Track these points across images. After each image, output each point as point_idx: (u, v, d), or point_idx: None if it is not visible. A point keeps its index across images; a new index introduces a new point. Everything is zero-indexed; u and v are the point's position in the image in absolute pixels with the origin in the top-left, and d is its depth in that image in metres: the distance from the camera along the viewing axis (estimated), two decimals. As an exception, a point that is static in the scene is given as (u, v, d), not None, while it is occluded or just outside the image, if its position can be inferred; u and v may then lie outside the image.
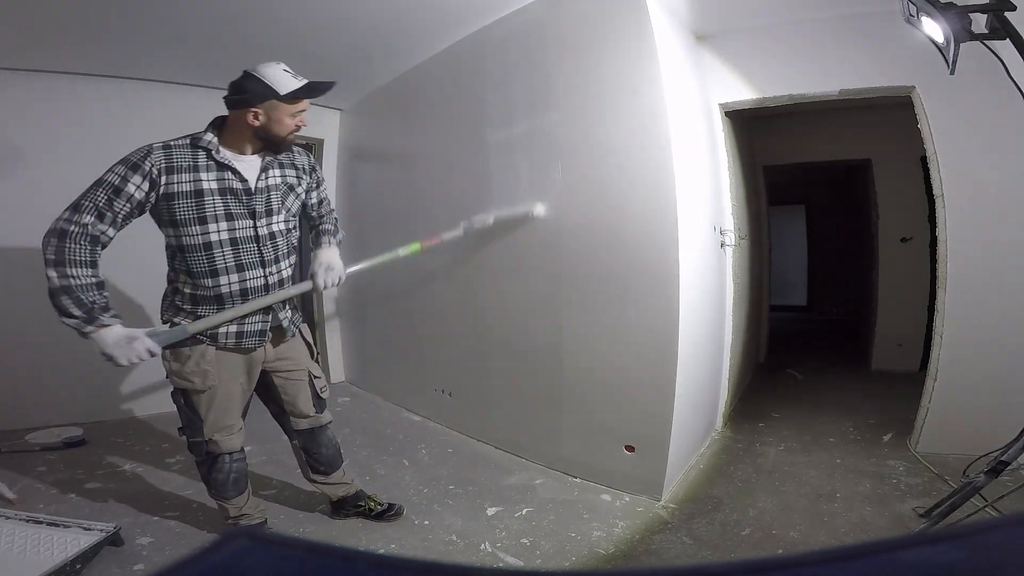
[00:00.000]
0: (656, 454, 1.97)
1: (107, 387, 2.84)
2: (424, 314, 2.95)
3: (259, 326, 1.52)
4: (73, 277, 1.26)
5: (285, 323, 1.58)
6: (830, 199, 5.93)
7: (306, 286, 1.61)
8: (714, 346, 2.51)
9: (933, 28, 1.40)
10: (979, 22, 1.36)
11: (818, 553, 0.24)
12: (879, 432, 2.51)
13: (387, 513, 1.86)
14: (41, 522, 1.61)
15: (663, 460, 1.95)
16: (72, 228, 1.27)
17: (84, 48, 2.46)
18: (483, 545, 1.73)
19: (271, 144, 1.46)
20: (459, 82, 2.59)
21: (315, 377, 1.69)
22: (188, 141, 1.40)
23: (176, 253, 1.43)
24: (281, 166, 1.53)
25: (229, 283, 1.43)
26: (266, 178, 1.48)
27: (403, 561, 0.28)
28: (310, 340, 1.72)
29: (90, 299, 1.28)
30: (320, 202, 1.72)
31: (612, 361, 2.08)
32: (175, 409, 1.54)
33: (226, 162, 1.41)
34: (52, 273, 1.26)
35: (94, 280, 1.30)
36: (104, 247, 1.34)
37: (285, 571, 0.28)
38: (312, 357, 1.71)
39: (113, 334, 1.30)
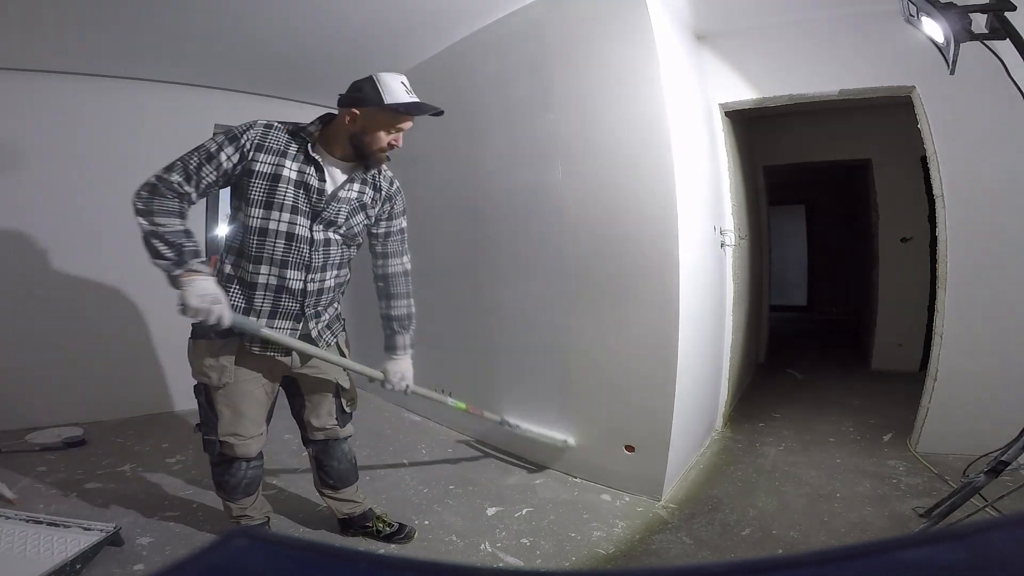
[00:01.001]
0: (656, 454, 1.97)
1: (107, 387, 2.84)
2: (424, 314, 2.95)
3: (287, 333, 1.44)
4: (161, 225, 1.27)
5: (314, 334, 1.50)
6: (830, 199, 5.93)
7: (378, 375, 1.65)
8: (714, 346, 2.51)
9: (933, 28, 1.40)
10: (979, 22, 1.36)
11: (818, 553, 0.24)
12: (879, 432, 2.51)
13: (396, 535, 1.75)
14: (41, 522, 1.60)
15: (663, 460, 1.95)
16: (160, 184, 1.30)
17: (84, 48, 2.46)
18: (483, 545, 1.73)
19: (361, 153, 1.42)
20: (459, 82, 2.58)
21: (343, 389, 1.62)
22: (290, 127, 1.40)
23: (236, 231, 1.42)
24: (363, 183, 1.48)
25: (268, 274, 1.39)
26: (347, 189, 1.44)
27: (403, 561, 0.28)
28: (346, 351, 1.65)
29: (179, 242, 1.28)
30: (388, 235, 1.63)
31: (612, 361, 2.08)
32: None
33: (316, 157, 1.39)
34: (143, 221, 1.27)
35: (181, 228, 1.30)
36: (191, 204, 1.35)
37: (285, 571, 0.28)
38: (344, 370, 1.62)
39: (201, 285, 1.28)
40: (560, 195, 2.17)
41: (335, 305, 1.59)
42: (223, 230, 1.37)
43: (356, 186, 1.47)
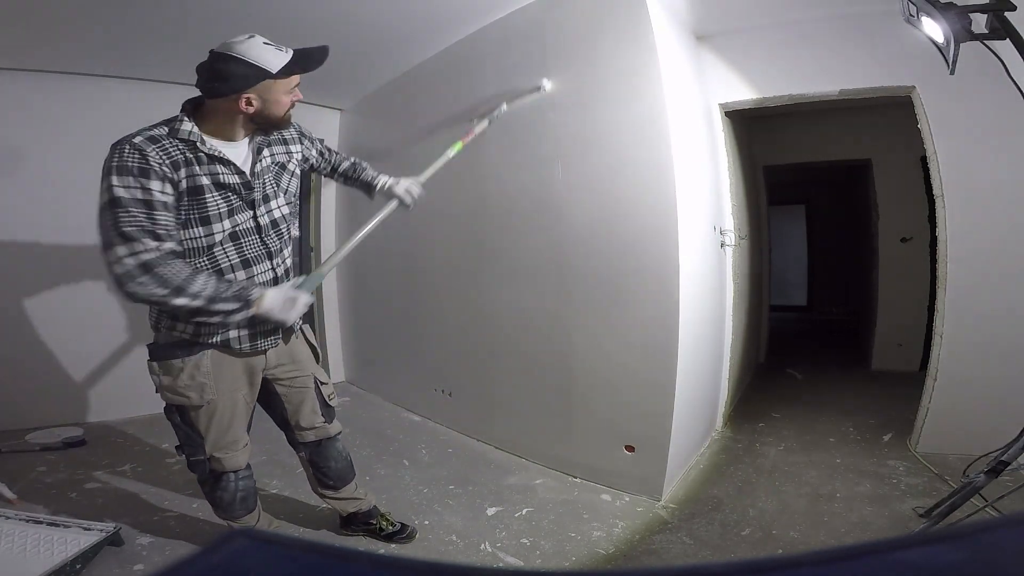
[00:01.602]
0: (656, 454, 1.97)
1: (107, 387, 2.84)
2: (424, 314, 2.95)
3: (272, 326, 1.36)
4: (203, 290, 1.15)
5: (295, 326, 1.46)
6: (830, 199, 5.93)
7: (392, 205, 1.62)
8: (714, 346, 2.51)
9: (933, 28, 1.40)
10: (979, 22, 1.36)
11: (818, 553, 0.24)
12: (879, 432, 2.51)
13: (398, 535, 1.74)
14: (41, 522, 1.61)
15: (663, 460, 1.95)
16: (145, 256, 1.10)
17: (84, 48, 2.46)
18: (483, 545, 1.73)
19: (268, 127, 1.32)
20: (459, 82, 2.59)
21: (321, 383, 1.56)
22: (166, 131, 1.20)
23: (184, 256, 1.27)
24: (269, 145, 1.38)
25: (236, 281, 1.29)
26: (258, 161, 1.33)
27: (403, 561, 0.28)
28: (314, 342, 1.58)
29: (232, 292, 1.19)
30: (329, 152, 1.64)
31: (612, 361, 2.08)
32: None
33: (216, 154, 1.24)
34: (182, 301, 1.13)
35: (214, 278, 1.19)
36: (177, 254, 1.19)
37: (285, 571, 0.28)
38: (317, 361, 1.58)
39: (273, 302, 1.23)
40: (560, 195, 2.17)
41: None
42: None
43: (265, 153, 1.36)
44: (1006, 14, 1.30)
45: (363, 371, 3.61)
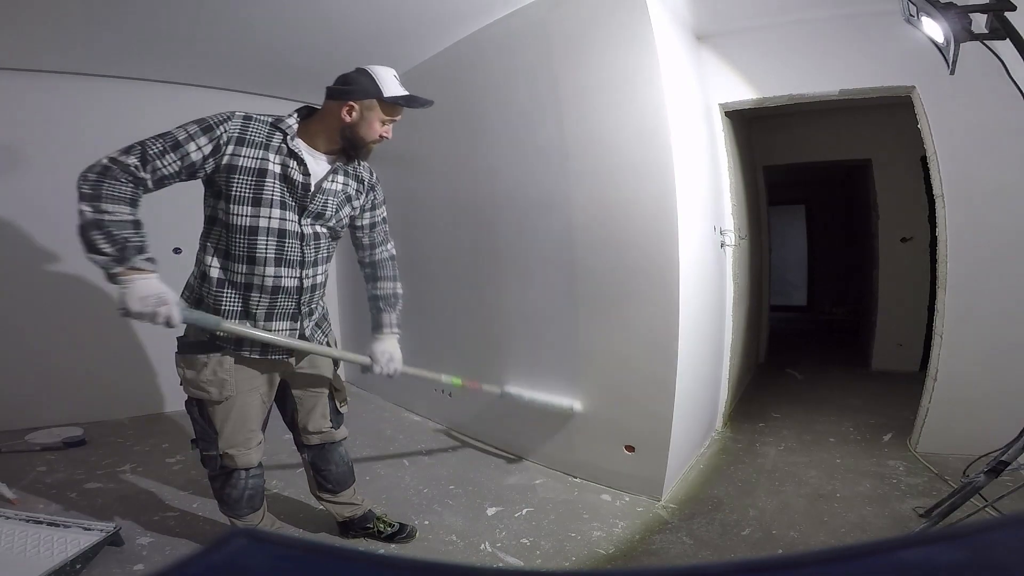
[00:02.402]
0: (656, 454, 1.97)
1: (107, 387, 2.84)
2: (424, 314, 2.95)
3: (287, 335, 1.41)
4: (107, 213, 1.14)
5: (308, 332, 1.47)
6: (830, 199, 5.93)
7: (365, 360, 1.60)
8: (714, 346, 2.51)
9: (933, 28, 1.40)
10: (979, 22, 1.36)
11: (818, 553, 0.24)
12: (879, 432, 2.51)
13: (398, 535, 1.75)
14: (41, 522, 1.60)
15: (663, 460, 1.95)
16: (114, 166, 1.17)
17: (84, 48, 2.46)
18: (483, 545, 1.73)
19: (352, 145, 1.38)
20: (459, 82, 2.58)
21: (336, 390, 1.61)
22: (269, 119, 1.33)
23: (218, 231, 1.32)
24: (346, 175, 1.45)
25: (264, 275, 1.32)
26: (331, 181, 1.40)
27: (403, 561, 0.28)
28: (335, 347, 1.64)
29: (123, 236, 1.14)
30: (373, 226, 1.60)
31: (612, 361, 2.08)
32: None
33: (296, 150, 1.33)
34: (86, 207, 1.14)
35: (130, 218, 1.17)
36: (145, 192, 1.22)
37: (285, 571, 0.28)
38: (335, 369, 1.63)
39: (143, 285, 1.14)
40: (559, 195, 2.17)
41: (322, 303, 1.56)
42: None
43: (340, 178, 1.43)
44: (1006, 14, 1.30)
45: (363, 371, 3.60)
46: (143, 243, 1.17)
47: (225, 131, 1.26)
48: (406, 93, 1.39)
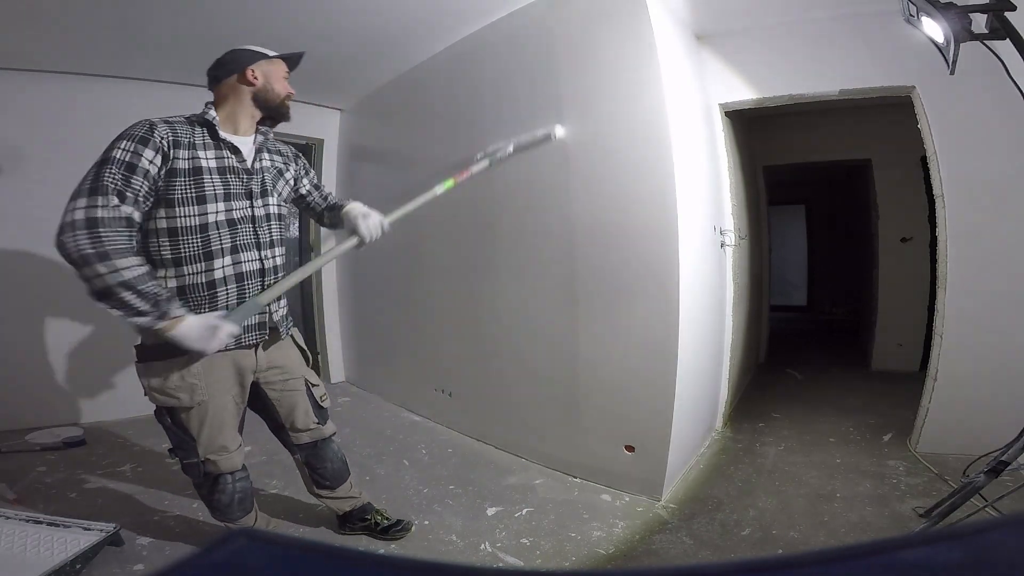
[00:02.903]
0: (656, 454, 1.97)
1: (107, 387, 2.84)
2: (424, 314, 2.95)
3: (257, 318, 1.39)
4: (124, 268, 1.11)
5: (277, 318, 1.46)
6: (830, 199, 5.93)
7: (351, 242, 1.53)
8: (714, 346, 2.51)
9: (933, 28, 1.40)
10: (979, 22, 1.36)
11: (818, 553, 0.24)
12: (879, 432, 2.51)
13: (394, 528, 1.77)
14: (41, 522, 1.60)
15: (663, 460, 1.95)
16: (100, 213, 1.11)
17: (84, 48, 2.46)
18: (483, 545, 1.73)
19: (270, 109, 1.42)
20: (459, 82, 2.59)
21: (312, 385, 1.57)
22: (183, 119, 1.32)
23: (163, 238, 1.27)
24: (269, 151, 1.48)
25: (223, 266, 1.32)
26: (260, 160, 1.42)
27: (403, 561, 0.28)
28: (303, 345, 1.59)
29: (153, 291, 1.14)
30: (316, 187, 1.66)
31: (612, 361, 2.08)
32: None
33: (224, 139, 1.34)
34: (101, 269, 1.10)
35: (145, 269, 1.16)
36: (137, 231, 1.21)
37: (285, 571, 0.28)
38: (308, 364, 1.60)
39: (190, 328, 1.18)
40: (559, 195, 2.17)
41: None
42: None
43: (266, 156, 1.46)
44: (1006, 14, 1.30)
45: (363, 371, 3.61)
46: (170, 292, 1.22)
47: (162, 137, 1.24)
48: (277, 52, 1.45)
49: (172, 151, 1.24)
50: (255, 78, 1.38)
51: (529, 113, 2.25)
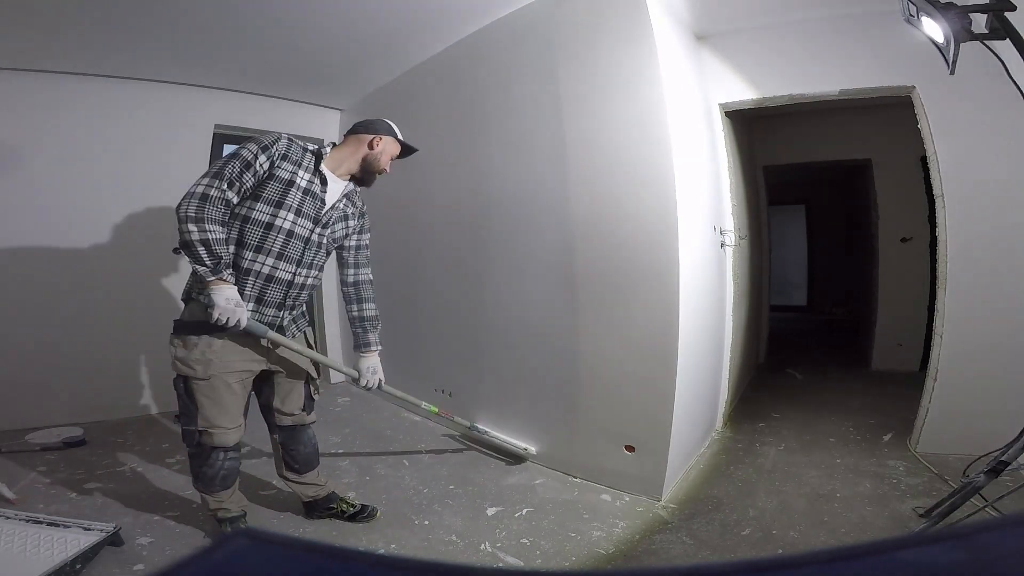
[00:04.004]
0: (656, 454, 1.97)
1: (107, 387, 2.84)
2: (424, 314, 2.95)
3: (270, 319, 1.61)
4: (211, 232, 1.42)
5: (285, 322, 1.67)
6: (830, 199, 5.93)
7: (353, 374, 1.84)
8: (714, 346, 2.51)
9: (933, 28, 1.40)
10: (979, 22, 1.36)
11: (818, 553, 0.24)
12: (879, 432, 2.51)
13: (360, 515, 1.85)
14: (41, 522, 1.60)
15: (663, 460, 1.95)
16: (213, 192, 1.44)
17: (84, 48, 2.46)
18: (483, 545, 1.73)
19: (368, 171, 1.70)
20: (459, 82, 2.59)
21: (312, 379, 1.77)
22: (305, 144, 1.63)
23: (239, 225, 1.54)
24: (348, 199, 1.73)
25: (264, 263, 1.55)
26: (340, 200, 1.69)
27: (403, 561, 0.28)
28: (314, 347, 1.80)
29: (220, 252, 1.44)
30: (359, 247, 1.84)
31: (612, 361, 2.08)
32: (175, 408, 1.59)
33: (323, 171, 1.63)
34: (192, 227, 1.40)
35: (224, 237, 1.47)
36: (231, 209, 1.51)
37: (285, 571, 0.28)
38: (316, 367, 1.79)
39: (226, 293, 1.44)
40: (559, 195, 2.17)
41: (303, 305, 1.77)
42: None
43: (344, 200, 1.71)
44: (1006, 14, 1.30)
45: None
46: (230, 259, 1.49)
47: (276, 149, 1.54)
48: (405, 140, 1.77)
49: (279, 161, 1.54)
50: (373, 146, 1.68)
51: (529, 113, 2.25)
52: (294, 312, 1.69)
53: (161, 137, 2.89)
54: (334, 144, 1.72)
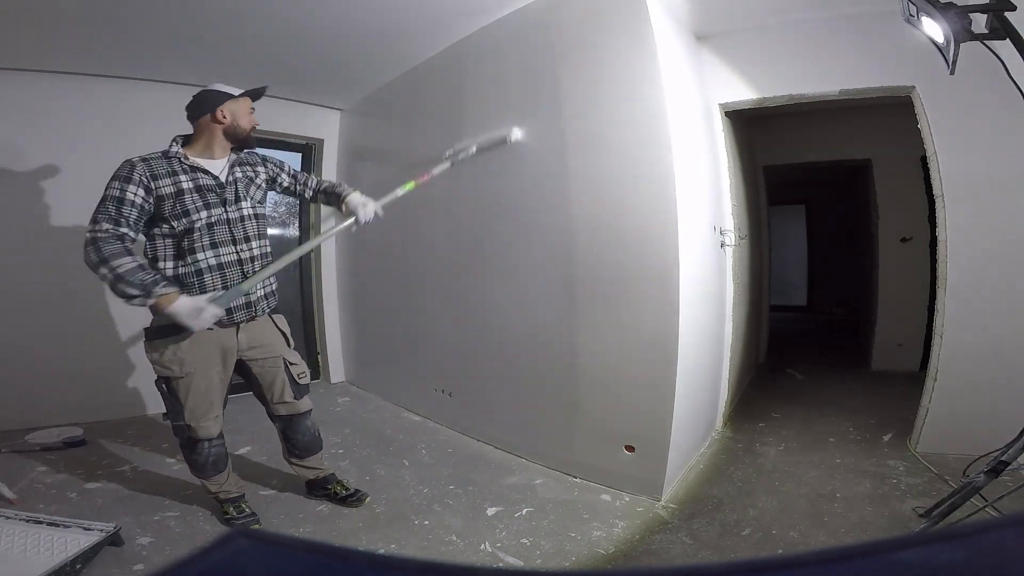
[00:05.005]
0: (656, 454, 1.97)
1: (107, 387, 2.84)
2: (424, 314, 2.95)
3: (242, 299, 1.68)
4: (118, 267, 1.45)
5: (254, 299, 1.72)
6: (830, 199, 5.93)
7: (348, 222, 1.86)
8: (714, 346, 2.51)
9: (933, 28, 1.40)
10: (979, 22, 1.36)
11: (818, 553, 0.24)
12: (879, 432, 2.51)
13: (350, 498, 1.96)
14: (41, 522, 1.61)
15: (663, 460, 1.95)
16: (99, 235, 1.49)
17: (84, 48, 2.46)
18: (483, 545, 1.73)
19: (238, 139, 1.72)
20: (459, 82, 2.59)
21: (291, 363, 1.83)
22: (160, 155, 1.64)
23: (164, 240, 1.63)
24: (240, 165, 1.77)
25: (206, 259, 1.63)
26: (231, 174, 1.73)
27: (403, 561, 0.28)
28: (285, 330, 1.85)
29: (140, 279, 1.47)
30: (295, 175, 1.93)
31: (612, 361, 2.08)
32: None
33: (196, 165, 1.66)
34: (104, 271, 1.45)
35: (135, 264, 1.48)
36: (133, 242, 1.55)
37: (285, 571, 0.28)
38: (288, 346, 1.85)
39: (181, 305, 1.49)
40: (560, 195, 2.17)
41: (272, 284, 1.82)
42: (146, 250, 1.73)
43: (237, 170, 1.75)
44: (1006, 14, 1.30)
45: (363, 371, 3.61)
46: (156, 276, 1.50)
47: (140, 174, 1.56)
48: (243, 90, 1.74)
49: (153, 183, 1.57)
50: (224, 117, 1.68)
51: (529, 113, 2.25)
52: (263, 289, 1.76)
53: (161, 137, 2.87)
54: (185, 138, 1.71)
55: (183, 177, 1.63)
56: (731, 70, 2.45)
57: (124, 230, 1.52)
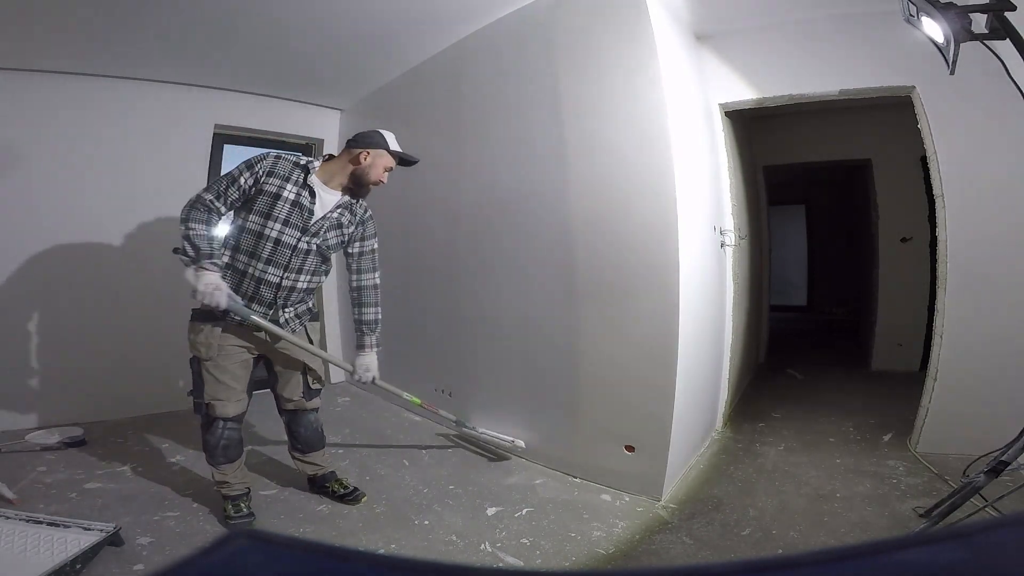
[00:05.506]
0: (656, 454, 1.97)
1: (107, 387, 2.84)
2: (424, 314, 2.95)
3: (261, 315, 1.77)
4: (192, 229, 1.65)
5: (281, 321, 1.82)
6: (830, 199, 5.93)
7: (348, 367, 2.01)
8: (714, 346, 2.51)
9: (933, 28, 1.40)
10: (979, 22, 1.36)
11: (817, 553, 0.24)
12: (879, 432, 2.51)
13: (347, 496, 2.00)
14: (41, 522, 1.60)
15: (663, 460, 1.95)
16: (201, 199, 1.69)
17: (84, 48, 2.46)
18: (483, 545, 1.73)
19: (359, 184, 1.81)
20: (459, 82, 2.59)
21: (309, 369, 1.92)
22: (295, 159, 1.78)
23: (236, 230, 1.77)
24: (344, 208, 1.84)
25: (255, 267, 1.74)
26: (332, 211, 1.81)
27: (403, 561, 0.28)
28: (314, 338, 1.96)
29: (201, 245, 1.64)
30: (362, 254, 1.94)
31: (612, 361, 2.08)
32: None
33: (312, 184, 1.76)
34: (183, 228, 1.65)
35: (205, 234, 1.66)
36: (220, 216, 1.73)
37: (285, 571, 0.28)
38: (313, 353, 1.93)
39: (206, 278, 1.62)
40: (560, 195, 2.17)
41: (307, 303, 1.93)
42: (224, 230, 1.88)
43: (338, 210, 1.83)
44: (1006, 14, 1.30)
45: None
46: (212, 251, 1.66)
47: (261, 167, 1.72)
48: (404, 152, 1.87)
49: (265, 177, 1.72)
50: (364, 159, 1.79)
51: (529, 113, 2.25)
52: (288, 311, 1.84)
53: (161, 137, 2.89)
54: (331, 156, 1.85)
55: (290, 186, 1.74)
56: (731, 70, 2.45)
57: (219, 204, 1.70)
